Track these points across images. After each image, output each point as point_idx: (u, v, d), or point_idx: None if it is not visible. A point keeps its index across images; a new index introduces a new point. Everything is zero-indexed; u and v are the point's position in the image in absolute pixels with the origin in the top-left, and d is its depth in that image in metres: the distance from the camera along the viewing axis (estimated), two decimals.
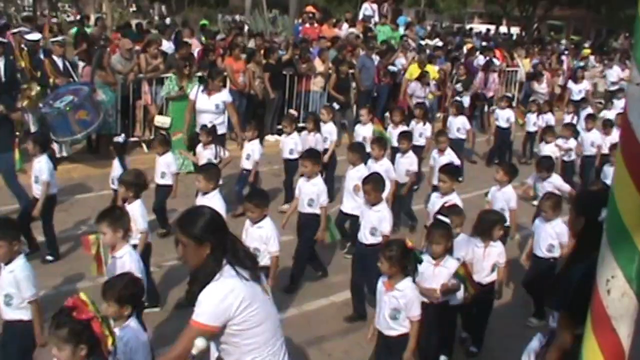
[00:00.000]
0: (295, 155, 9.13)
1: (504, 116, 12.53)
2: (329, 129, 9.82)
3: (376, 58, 14.54)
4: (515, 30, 30.92)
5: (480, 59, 17.20)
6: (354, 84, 14.00)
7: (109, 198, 7.97)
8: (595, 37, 35.61)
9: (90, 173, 10.35)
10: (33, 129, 10.71)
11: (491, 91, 15.79)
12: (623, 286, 2.58)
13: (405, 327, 4.73)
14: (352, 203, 7.45)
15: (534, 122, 12.84)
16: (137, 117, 11.85)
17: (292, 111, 11.16)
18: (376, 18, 19.55)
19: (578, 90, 16.30)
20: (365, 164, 7.89)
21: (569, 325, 3.38)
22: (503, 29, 32.09)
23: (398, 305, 4.70)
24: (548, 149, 10.29)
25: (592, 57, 21.23)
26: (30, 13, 25.44)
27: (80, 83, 10.85)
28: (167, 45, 13.57)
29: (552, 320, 3.88)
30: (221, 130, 9.58)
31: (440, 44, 18.86)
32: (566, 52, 21.38)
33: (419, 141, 10.47)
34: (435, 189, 7.79)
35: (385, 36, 17.93)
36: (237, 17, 21.78)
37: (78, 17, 20.25)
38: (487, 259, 5.87)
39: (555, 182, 8.18)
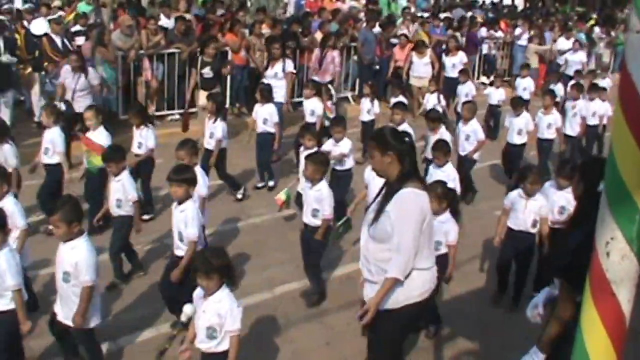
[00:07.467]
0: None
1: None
2: (146, 134, 8.06)
3: (378, 31, 14.40)
4: (519, 1, 30.52)
5: (482, 31, 16.96)
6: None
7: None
8: (601, 7, 35.11)
9: None
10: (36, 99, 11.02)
11: (328, 74, 12.09)
12: (623, 248, 2.43)
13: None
14: None
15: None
16: (138, 94, 11.81)
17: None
18: None
19: (452, 64, 13.46)
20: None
21: (569, 294, 3.30)
22: (507, 0, 31.68)
23: None
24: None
25: (597, 29, 20.73)
26: None
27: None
28: (166, 21, 13.43)
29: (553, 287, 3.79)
30: None
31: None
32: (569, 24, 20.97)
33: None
34: None
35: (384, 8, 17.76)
36: None
37: None
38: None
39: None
